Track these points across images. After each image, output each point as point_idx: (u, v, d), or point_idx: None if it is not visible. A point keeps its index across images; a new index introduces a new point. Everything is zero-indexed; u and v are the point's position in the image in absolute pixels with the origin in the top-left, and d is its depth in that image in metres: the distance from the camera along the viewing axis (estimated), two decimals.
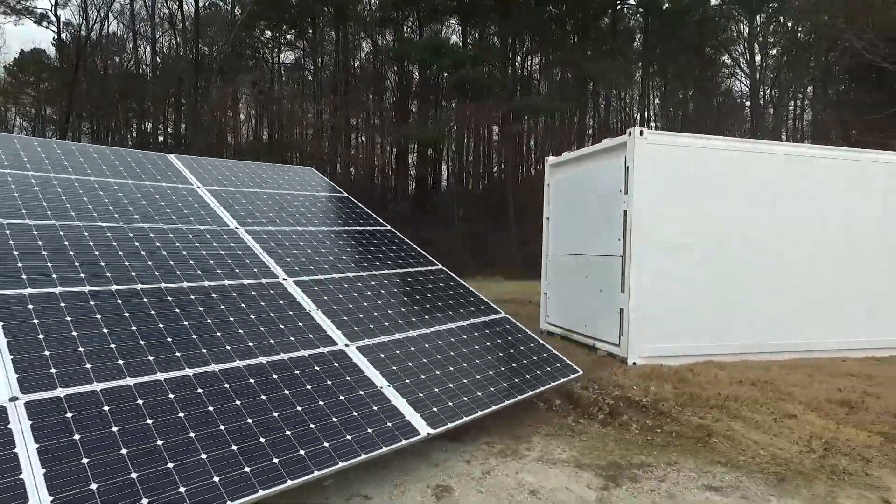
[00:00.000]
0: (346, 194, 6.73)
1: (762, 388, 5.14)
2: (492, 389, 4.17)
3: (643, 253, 5.95)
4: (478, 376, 4.29)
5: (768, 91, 31.22)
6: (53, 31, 27.17)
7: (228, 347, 3.52)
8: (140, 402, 2.91)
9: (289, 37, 33.15)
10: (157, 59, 27.52)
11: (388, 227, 6.19)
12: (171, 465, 2.63)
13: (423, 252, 5.84)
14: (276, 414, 3.14)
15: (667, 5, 30.91)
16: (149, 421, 2.82)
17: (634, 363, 5.91)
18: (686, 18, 30.51)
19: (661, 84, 34.74)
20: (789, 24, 29.44)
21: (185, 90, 26.15)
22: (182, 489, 2.54)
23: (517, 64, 32.43)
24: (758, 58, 30.54)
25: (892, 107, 19.13)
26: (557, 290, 7.68)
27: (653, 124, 32.79)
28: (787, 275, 6.44)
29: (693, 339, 6.12)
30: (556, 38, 32.61)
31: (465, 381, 4.12)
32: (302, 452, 2.96)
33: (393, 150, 30.48)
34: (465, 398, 3.94)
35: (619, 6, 32.69)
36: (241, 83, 22.85)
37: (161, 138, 27.05)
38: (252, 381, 3.31)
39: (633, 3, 33.52)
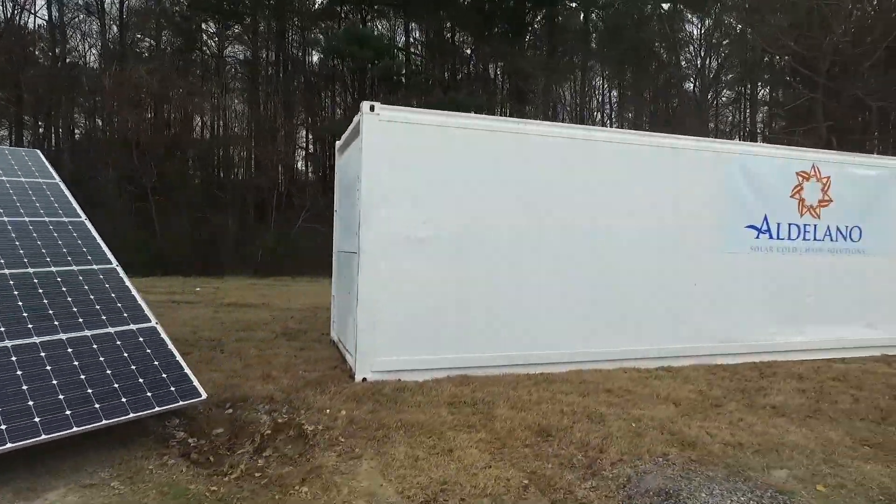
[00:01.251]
0: (58, 180, 5.68)
1: (470, 409, 4.31)
2: (66, 413, 3.25)
3: (376, 250, 5.06)
4: (61, 396, 3.35)
5: (715, 92, 31.04)
6: None
7: None
8: None
9: (236, 30, 31.71)
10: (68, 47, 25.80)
11: (82, 219, 5.17)
12: None
13: (104, 249, 4.83)
14: None
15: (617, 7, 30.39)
16: None
17: (364, 379, 5.03)
18: (636, 18, 30.00)
19: (616, 85, 34.26)
20: (738, 27, 29.19)
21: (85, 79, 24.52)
22: None
23: (452, 59, 31.60)
24: (710, 61, 30.32)
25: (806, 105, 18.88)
26: (337, 292, 6.78)
27: (608, 125, 32.18)
28: (561, 275, 5.65)
29: (446, 351, 5.27)
30: (491, 33, 31.87)
31: (44, 400, 3.24)
32: None
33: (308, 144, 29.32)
34: (35, 420, 3.08)
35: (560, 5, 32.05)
36: (132, 74, 21.30)
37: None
38: None
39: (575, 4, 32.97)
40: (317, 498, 3.01)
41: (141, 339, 3.98)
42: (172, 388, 3.68)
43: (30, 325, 3.82)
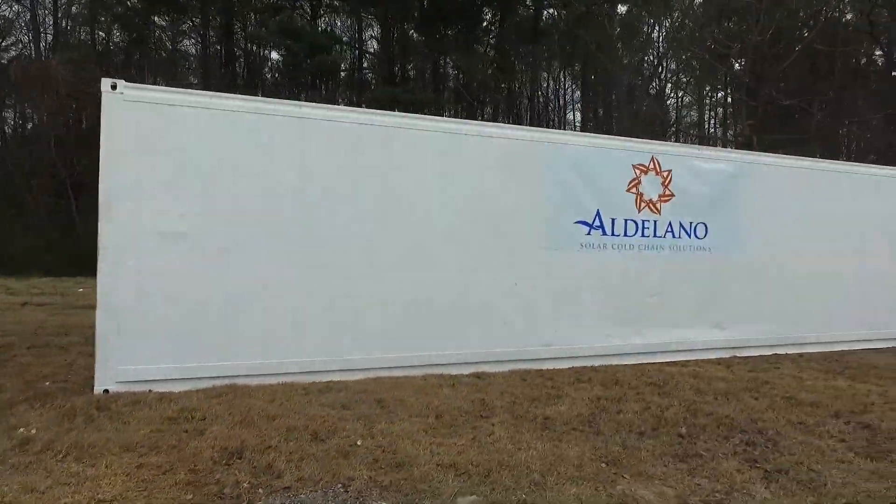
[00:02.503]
0: None
1: (188, 426, 3.79)
2: None
3: (120, 246, 4.49)
4: None
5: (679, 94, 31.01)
6: None
7: None
8: None
9: (190, 24, 30.63)
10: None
11: None
12: None
13: None
14: None
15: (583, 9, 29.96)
16: None
17: (106, 390, 4.46)
18: (598, 19, 29.59)
19: (578, 85, 33.91)
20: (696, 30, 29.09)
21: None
22: None
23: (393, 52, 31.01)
24: (667, 62, 30.19)
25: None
26: None
27: (572, 127, 31.70)
28: (350, 274, 5.17)
29: (208, 358, 4.74)
30: (443, 31, 31.34)
31: None
32: None
33: None
34: None
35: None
36: (46, 65, 20.29)
37: None
38: None
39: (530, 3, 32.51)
40: None
41: None
42: None
43: None
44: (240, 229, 4.81)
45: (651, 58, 31.03)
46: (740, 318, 6.80)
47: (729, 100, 25.95)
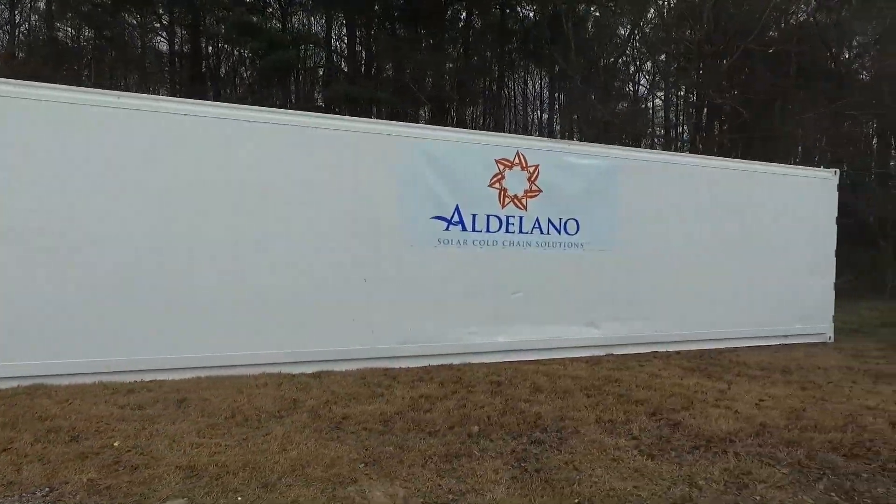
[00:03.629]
0: None
1: None
2: None
3: None
4: None
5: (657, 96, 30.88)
6: None
7: None
8: None
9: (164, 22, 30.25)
10: None
11: None
12: None
13: None
14: None
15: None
16: None
17: None
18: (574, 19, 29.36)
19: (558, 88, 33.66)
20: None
21: None
22: None
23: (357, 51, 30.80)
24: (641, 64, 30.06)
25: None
26: None
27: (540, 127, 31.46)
28: (164, 269, 5.02)
29: (21, 357, 4.58)
30: (409, 31, 31.17)
31: None
32: None
33: None
34: None
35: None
36: None
37: None
38: None
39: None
40: None
41: None
42: None
43: None
44: (51, 226, 4.64)
45: (620, 60, 30.99)
46: (616, 317, 6.72)
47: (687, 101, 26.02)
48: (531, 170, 6.30)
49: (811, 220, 8.01)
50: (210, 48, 29.68)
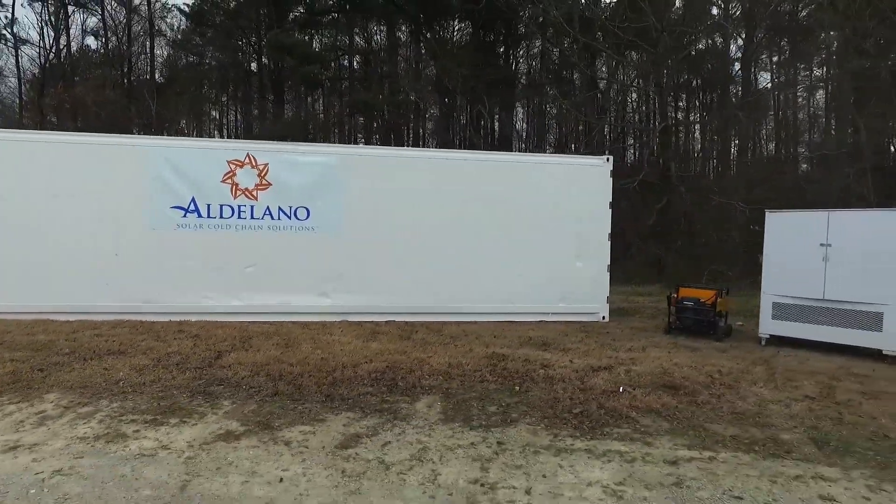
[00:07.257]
0: None
1: None
2: None
3: None
4: None
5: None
6: None
7: None
8: None
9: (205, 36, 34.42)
10: None
11: None
12: None
13: None
14: None
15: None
16: None
17: None
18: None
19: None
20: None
21: None
22: None
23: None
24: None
25: None
26: None
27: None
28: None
29: None
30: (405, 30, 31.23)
31: None
32: None
33: None
34: None
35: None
36: None
37: None
38: None
39: None
40: None
41: None
42: None
43: None
44: None
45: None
46: (345, 289, 7.93)
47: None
48: (261, 167, 7.73)
49: (584, 207, 8.38)
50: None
